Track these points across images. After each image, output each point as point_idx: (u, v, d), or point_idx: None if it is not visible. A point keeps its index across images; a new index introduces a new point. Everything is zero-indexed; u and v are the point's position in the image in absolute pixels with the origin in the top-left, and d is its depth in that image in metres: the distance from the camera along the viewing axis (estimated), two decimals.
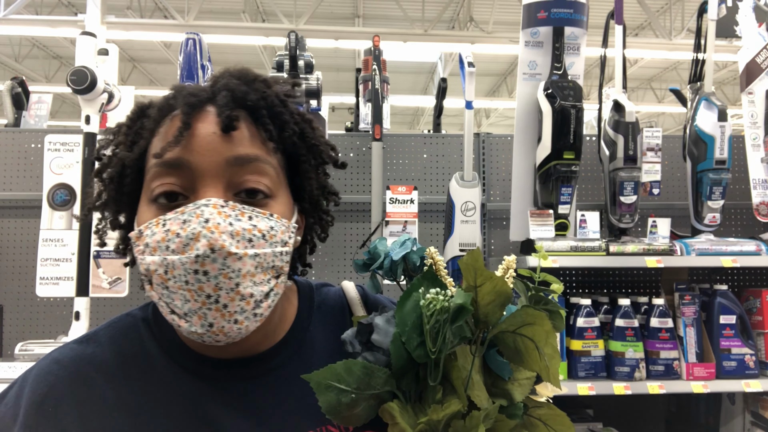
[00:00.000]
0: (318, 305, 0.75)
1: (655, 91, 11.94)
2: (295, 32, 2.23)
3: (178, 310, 0.58)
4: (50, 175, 2.17)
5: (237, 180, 0.60)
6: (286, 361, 0.68)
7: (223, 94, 0.61)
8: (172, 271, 0.56)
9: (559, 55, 2.10)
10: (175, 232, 0.56)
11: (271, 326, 0.68)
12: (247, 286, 0.57)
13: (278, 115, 0.64)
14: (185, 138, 0.59)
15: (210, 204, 0.57)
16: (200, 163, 0.59)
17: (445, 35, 8.29)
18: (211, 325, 0.57)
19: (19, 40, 9.77)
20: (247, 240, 0.58)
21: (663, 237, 2.08)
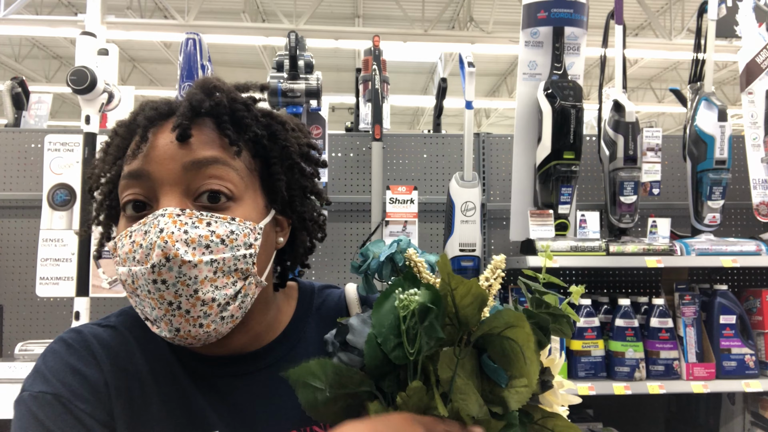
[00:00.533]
0: (317, 307, 0.76)
1: (655, 91, 11.94)
2: (295, 32, 2.23)
3: (149, 316, 0.61)
4: (50, 175, 2.18)
5: (195, 185, 0.61)
6: (278, 360, 0.70)
7: (183, 105, 0.63)
8: (137, 281, 0.58)
9: (559, 55, 2.11)
10: (138, 243, 0.58)
11: (263, 326, 0.70)
12: (207, 291, 0.59)
13: (240, 119, 0.66)
14: (144, 150, 0.61)
15: (166, 214, 0.59)
16: (158, 172, 0.61)
17: (445, 35, 8.29)
18: (178, 330, 0.59)
19: (19, 40, 9.77)
20: (205, 246, 0.59)
21: (663, 237, 2.08)
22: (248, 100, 0.68)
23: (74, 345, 0.66)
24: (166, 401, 0.66)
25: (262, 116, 0.68)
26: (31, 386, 0.63)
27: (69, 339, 0.67)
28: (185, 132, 0.61)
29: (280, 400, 0.68)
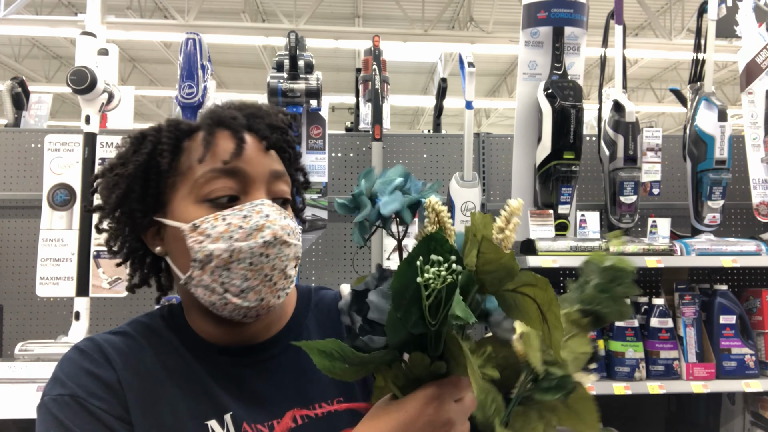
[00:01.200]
0: (315, 304, 0.85)
1: (655, 91, 11.94)
2: (295, 32, 2.23)
3: (234, 289, 0.69)
4: (50, 175, 2.17)
5: (274, 188, 0.75)
6: (282, 351, 0.78)
7: (259, 122, 0.75)
8: (238, 255, 0.68)
9: (559, 55, 2.11)
10: (237, 225, 0.68)
11: (273, 316, 0.78)
12: (290, 268, 0.72)
13: (290, 142, 0.79)
14: (242, 151, 0.72)
15: (265, 203, 0.71)
16: (253, 171, 0.72)
17: (445, 35, 8.29)
18: (262, 299, 0.70)
19: (19, 40, 9.77)
20: (288, 233, 0.71)
21: (663, 237, 2.08)
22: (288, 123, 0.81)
23: (87, 350, 0.72)
24: (180, 391, 0.72)
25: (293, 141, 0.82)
26: (50, 391, 0.69)
27: (82, 346, 0.73)
28: (273, 145, 0.75)
29: (286, 386, 0.76)
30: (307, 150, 2.30)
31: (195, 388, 0.73)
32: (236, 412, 0.72)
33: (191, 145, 0.74)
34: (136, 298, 2.36)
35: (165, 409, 0.70)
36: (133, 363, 0.72)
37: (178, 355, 0.75)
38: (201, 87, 2.14)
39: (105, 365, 0.71)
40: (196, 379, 0.73)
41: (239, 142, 0.72)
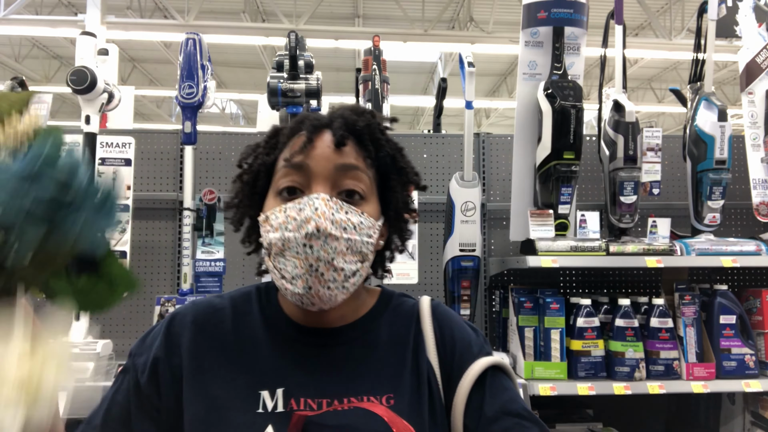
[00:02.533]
0: (393, 308, 0.89)
1: (655, 91, 11.94)
2: (295, 32, 2.23)
3: (287, 275, 0.75)
4: None
5: (340, 182, 0.78)
6: (352, 341, 0.83)
7: (338, 121, 0.81)
8: (288, 244, 0.74)
9: (559, 55, 2.10)
10: (293, 217, 0.74)
11: (349, 309, 0.84)
12: (340, 261, 0.74)
13: (377, 140, 0.83)
14: (308, 149, 0.78)
15: (320, 197, 0.75)
16: (315, 167, 0.78)
17: (445, 35, 8.30)
18: (310, 288, 0.74)
19: (19, 40, 9.77)
20: (342, 228, 0.75)
21: (663, 237, 2.08)
22: (382, 125, 0.85)
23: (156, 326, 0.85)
24: (244, 359, 0.80)
25: (387, 141, 0.85)
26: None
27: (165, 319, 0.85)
28: (342, 141, 0.79)
29: (349, 373, 0.80)
30: None
31: (258, 359, 0.80)
32: (289, 387, 0.77)
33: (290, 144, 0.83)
34: (136, 298, 2.36)
35: (222, 372, 0.79)
36: (210, 330, 0.83)
37: (255, 327, 0.83)
38: (201, 87, 2.14)
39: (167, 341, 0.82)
40: (263, 351, 0.81)
41: (307, 141, 0.78)
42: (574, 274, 2.41)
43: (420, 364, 0.82)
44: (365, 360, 0.81)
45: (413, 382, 0.80)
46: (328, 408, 0.76)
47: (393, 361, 0.82)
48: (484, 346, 0.85)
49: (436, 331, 0.85)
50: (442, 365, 0.82)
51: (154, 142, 2.51)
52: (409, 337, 0.84)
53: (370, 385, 0.79)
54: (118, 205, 0.58)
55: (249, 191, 0.84)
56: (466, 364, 0.81)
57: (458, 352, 0.83)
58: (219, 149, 2.53)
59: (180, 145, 2.48)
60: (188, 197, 2.14)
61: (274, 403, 0.76)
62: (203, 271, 2.10)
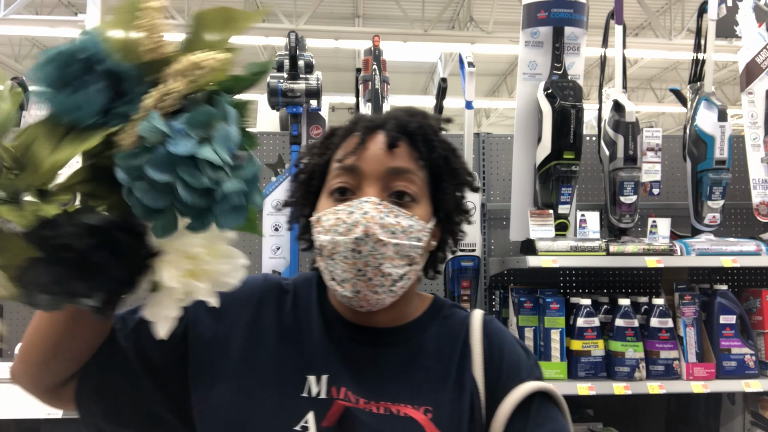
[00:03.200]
0: (444, 317, 0.88)
1: (655, 91, 11.94)
2: (295, 32, 2.23)
3: (337, 277, 0.76)
4: None
5: (391, 184, 0.78)
6: (397, 344, 0.83)
7: (391, 122, 0.81)
8: (337, 247, 0.74)
9: (559, 55, 2.10)
10: (342, 220, 0.75)
11: (398, 312, 0.84)
12: (387, 266, 0.74)
13: (429, 141, 0.82)
14: (360, 150, 0.79)
15: (369, 201, 0.75)
16: (367, 169, 0.78)
17: (445, 35, 8.30)
18: (358, 292, 0.75)
19: (19, 40, 9.76)
20: (391, 232, 0.75)
21: (663, 237, 2.08)
22: (436, 126, 0.85)
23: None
24: (298, 341, 0.82)
25: (440, 142, 0.84)
26: None
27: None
28: (394, 143, 0.78)
29: (389, 376, 0.80)
30: None
31: (309, 345, 0.81)
32: (333, 375, 0.78)
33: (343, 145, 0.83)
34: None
35: (275, 352, 0.80)
36: (272, 309, 0.85)
37: (311, 314, 0.84)
38: None
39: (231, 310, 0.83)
40: (314, 338, 0.82)
41: (359, 142, 0.79)
42: (574, 274, 2.41)
43: (464, 380, 0.80)
44: (407, 367, 0.81)
45: (454, 398, 0.78)
46: (365, 407, 0.76)
47: (435, 373, 0.80)
48: (533, 370, 0.82)
49: (485, 347, 0.82)
50: (487, 384, 0.80)
51: None
52: (456, 351, 0.82)
53: (408, 393, 0.78)
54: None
55: (304, 191, 0.85)
56: (512, 386, 0.78)
57: (505, 373, 0.80)
58: None
59: None
60: None
61: (319, 389, 0.77)
62: None
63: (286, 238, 2.24)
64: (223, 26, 0.55)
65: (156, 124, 0.48)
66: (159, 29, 0.52)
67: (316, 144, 0.88)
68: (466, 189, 0.88)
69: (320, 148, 0.86)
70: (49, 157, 0.49)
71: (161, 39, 0.52)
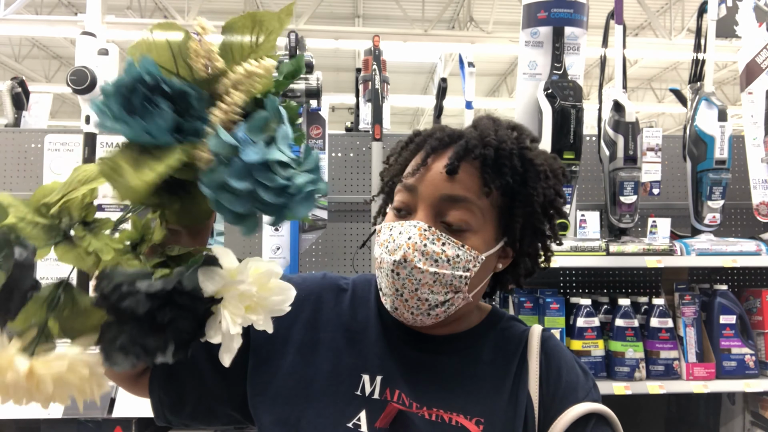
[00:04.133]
0: (501, 329, 0.87)
1: (655, 91, 11.94)
2: (295, 32, 2.23)
3: (383, 289, 0.79)
4: (50, 175, 2.18)
5: (445, 211, 0.76)
6: (452, 353, 0.83)
7: (461, 144, 0.78)
8: (383, 264, 0.77)
9: (559, 55, 2.10)
10: (393, 238, 0.76)
11: (453, 324, 0.83)
12: (424, 292, 0.75)
13: (501, 166, 0.77)
14: (421, 171, 0.78)
15: (416, 227, 0.75)
16: (423, 192, 0.77)
17: (445, 35, 8.30)
18: (396, 308, 0.77)
19: (19, 40, 9.76)
20: (434, 260, 0.74)
21: (663, 237, 2.08)
22: (515, 149, 0.78)
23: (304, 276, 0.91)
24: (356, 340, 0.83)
25: (521, 164, 0.78)
26: None
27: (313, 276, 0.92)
28: (454, 170, 0.76)
29: (442, 384, 0.80)
30: None
31: (367, 344, 0.83)
32: (388, 377, 0.79)
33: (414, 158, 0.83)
34: None
35: (332, 349, 0.82)
36: (330, 307, 0.86)
37: (369, 314, 0.86)
38: None
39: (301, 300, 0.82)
40: (371, 338, 0.83)
41: (422, 162, 0.79)
42: (574, 274, 2.41)
43: (519, 395, 0.78)
44: (461, 376, 0.80)
45: (509, 413, 0.77)
46: (418, 412, 0.76)
47: (490, 385, 0.79)
48: (591, 392, 0.80)
49: (542, 364, 0.81)
50: (541, 401, 0.78)
51: None
52: (513, 365, 0.81)
53: (462, 402, 0.77)
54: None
55: (387, 191, 0.87)
56: (567, 405, 0.76)
57: (561, 392, 0.78)
58: None
59: None
60: None
61: (372, 389, 0.79)
62: None
63: (286, 238, 2.24)
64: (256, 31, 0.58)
65: (225, 139, 0.53)
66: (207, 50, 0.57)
67: (403, 145, 0.87)
68: (550, 214, 0.83)
69: (401, 154, 0.86)
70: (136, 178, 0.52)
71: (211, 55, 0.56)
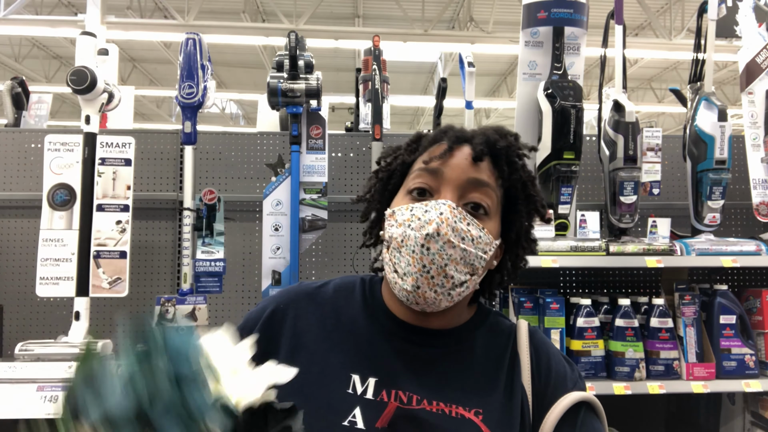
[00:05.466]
0: (490, 324, 0.90)
1: (655, 91, 11.94)
2: (295, 32, 2.23)
3: (400, 270, 0.79)
4: (50, 175, 2.17)
5: (468, 194, 0.81)
6: (448, 346, 0.85)
7: (480, 137, 0.85)
8: (407, 241, 0.77)
9: (559, 55, 2.10)
10: (417, 216, 0.78)
11: (450, 317, 0.86)
12: (451, 269, 0.77)
13: (512, 164, 0.86)
14: (446, 157, 0.82)
15: (447, 204, 0.78)
16: (449, 174, 0.81)
17: (445, 35, 8.30)
18: (418, 287, 0.77)
19: (19, 40, 9.77)
20: (461, 237, 0.77)
21: (663, 237, 2.08)
22: (523, 152, 0.89)
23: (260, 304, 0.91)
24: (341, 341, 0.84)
25: (523, 167, 0.88)
26: None
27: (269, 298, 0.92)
28: (480, 156, 0.82)
29: (437, 376, 0.81)
30: (306, 150, 2.30)
31: (354, 344, 0.83)
32: (382, 377, 0.80)
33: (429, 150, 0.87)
34: (136, 298, 2.36)
35: (318, 351, 0.83)
36: (311, 311, 0.88)
37: (354, 314, 0.87)
38: (201, 87, 2.14)
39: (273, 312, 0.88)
40: (360, 337, 0.84)
41: (448, 150, 0.83)
42: (574, 274, 2.41)
43: (514, 387, 0.82)
44: (458, 369, 0.82)
45: (505, 404, 0.80)
46: (418, 406, 0.78)
47: (485, 378, 0.82)
48: (578, 382, 0.85)
49: (532, 357, 0.85)
50: (534, 393, 0.82)
51: (154, 142, 2.52)
52: (505, 359, 0.85)
53: (460, 394, 0.80)
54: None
55: (381, 188, 0.90)
56: (559, 395, 0.81)
57: (552, 383, 0.83)
58: (219, 149, 2.53)
59: (180, 145, 2.48)
60: (188, 197, 2.14)
61: (364, 389, 0.79)
62: (203, 271, 2.10)
63: (286, 238, 2.24)
64: None
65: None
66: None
67: (402, 146, 0.92)
68: (536, 218, 0.90)
69: (405, 151, 0.89)
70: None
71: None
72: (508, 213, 0.87)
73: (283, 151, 2.48)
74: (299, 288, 0.93)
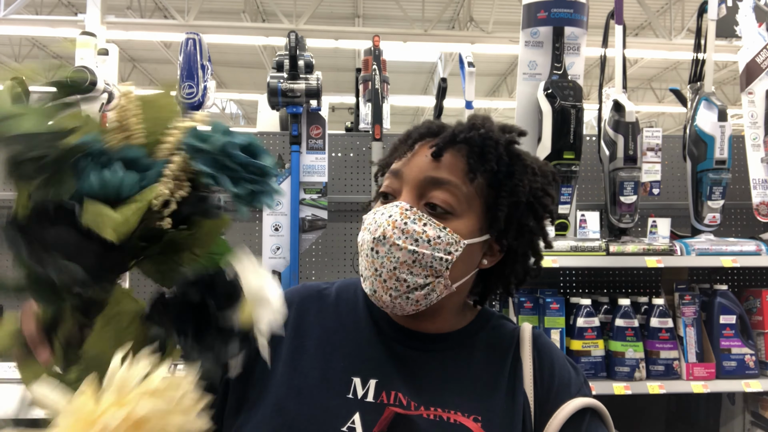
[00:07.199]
0: (492, 327, 0.87)
1: (655, 91, 11.94)
2: (295, 32, 2.23)
3: (363, 273, 0.79)
4: None
5: (428, 193, 0.77)
6: (446, 350, 0.83)
7: (448, 132, 0.80)
8: (363, 245, 0.78)
9: (559, 55, 2.10)
10: (375, 220, 0.77)
11: (444, 320, 0.84)
12: (403, 272, 0.75)
13: (485, 153, 0.78)
14: (408, 156, 0.80)
15: (398, 206, 0.76)
16: (407, 175, 0.79)
17: (445, 35, 8.29)
18: (375, 291, 0.77)
19: (19, 40, 9.77)
20: (414, 239, 0.74)
21: (663, 237, 2.08)
22: (502, 140, 0.80)
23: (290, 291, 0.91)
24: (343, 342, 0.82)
25: (508, 156, 0.80)
26: None
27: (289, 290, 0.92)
28: (439, 152, 0.78)
29: (435, 381, 0.80)
30: (306, 150, 2.30)
31: (356, 346, 0.82)
32: (382, 380, 0.79)
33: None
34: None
35: (319, 353, 0.81)
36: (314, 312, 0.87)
37: (357, 316, 0.86)
38: (201, 87, 2.14)
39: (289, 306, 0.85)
40: (361, 340, 0.83)
41: (408, 148, 0.81)
42: (574, 274, 2.41)
43: (516, 393, 0.79)
44: (457, 374, 0.80)
45: (506, 410, 0.78)
46: (416, 411, 0.76)
47: (485, 383, 0.80)
48: (583, 387, 0.81)
49: (535, 361, 0.82)
50: (536, 399, 0.79)
51: None
52: (507, 363, 0.82)
53: (459, 400, 0.77)
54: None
55: (377, 192, 0.88)
56: (563, 401, 0.78)
57: (555, 389, 0.80)
58: None
59: None
60: None
61: (365, 392, 0.78)
62: None
63: (286, 238, 2.24)
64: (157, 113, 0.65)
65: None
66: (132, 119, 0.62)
67: (395, 143, 0.89)
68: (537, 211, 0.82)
69: (391, 150, 0.88)
70: (120, 213, 0.56)
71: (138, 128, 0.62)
72: (494, 205, 0.79)
73: (283, 151, 2.48)
74: (304, 288, 0.91)
